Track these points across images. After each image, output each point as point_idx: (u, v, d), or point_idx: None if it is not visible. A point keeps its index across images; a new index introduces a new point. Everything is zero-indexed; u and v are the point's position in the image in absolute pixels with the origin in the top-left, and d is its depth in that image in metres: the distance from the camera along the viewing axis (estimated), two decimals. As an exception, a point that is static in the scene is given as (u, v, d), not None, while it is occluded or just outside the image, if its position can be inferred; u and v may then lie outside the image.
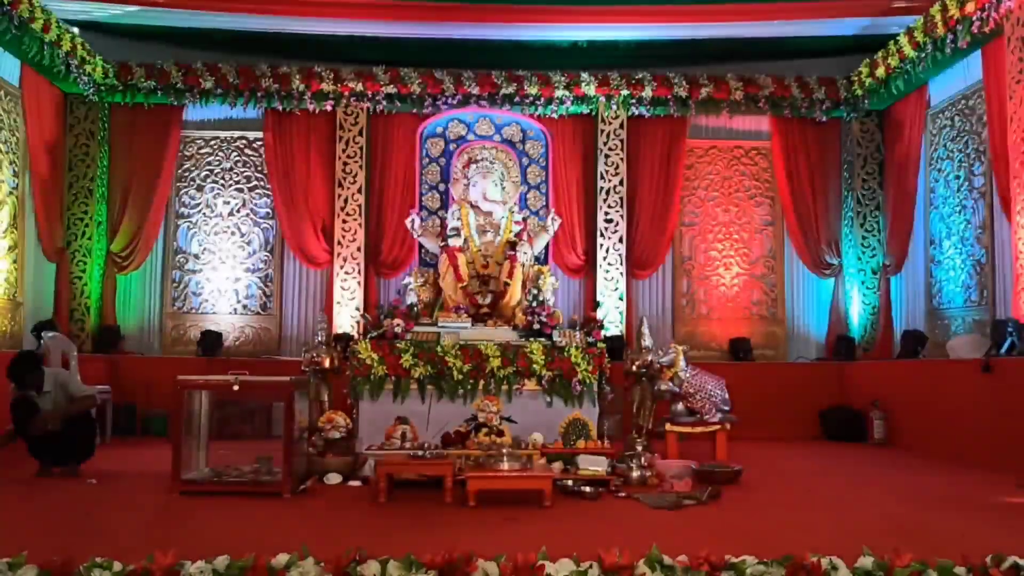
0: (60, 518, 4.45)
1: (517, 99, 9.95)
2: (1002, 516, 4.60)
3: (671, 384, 7.25)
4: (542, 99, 9.98)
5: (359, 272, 10.08)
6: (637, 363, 7.40)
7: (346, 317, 9.91)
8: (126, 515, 4.60)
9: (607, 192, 10.23)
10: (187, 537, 3.90)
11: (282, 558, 2.99)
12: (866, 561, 3.01)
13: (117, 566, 2.96)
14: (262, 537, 3.87)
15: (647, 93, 10.03)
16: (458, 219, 8.40)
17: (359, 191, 10.14)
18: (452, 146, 10.13)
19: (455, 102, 9.97)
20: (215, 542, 3.50)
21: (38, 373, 5.91)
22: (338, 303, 10.00)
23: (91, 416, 6.27)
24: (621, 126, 10.27)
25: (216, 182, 10.41)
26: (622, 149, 10.26)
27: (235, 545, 3.24)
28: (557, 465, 5.69)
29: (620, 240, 10.18)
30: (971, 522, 4.34)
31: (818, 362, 10.21)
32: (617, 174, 10.24)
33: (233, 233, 10.38)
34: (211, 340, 9.85)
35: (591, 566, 2.95)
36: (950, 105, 8.91)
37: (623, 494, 5.21)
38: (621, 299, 10.08)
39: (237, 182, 10.43)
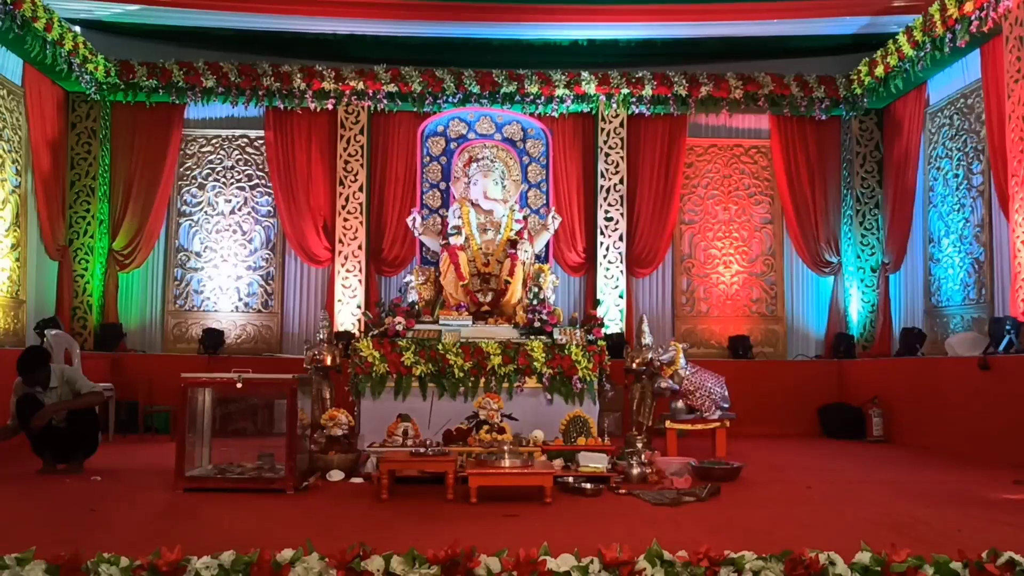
0: (65, 514, 4.48)
1: (518, 98, 9.99)
2: (999, 512, 4.63)
3: (671, 382, 7.30)
4: (542, 98, 10.02)
5: (360, 270, 10.12)
6: (637, 361, 7.46)
7: (347, 315, 9.95)
8: (131, 511, 4.63)
9: (607, 190, 10.26)
10: (192, 533, 3.94)
11: (287, 553, 3.02)
12: (864, 556, 3.04)
13: (124, 561, 2.98)
14: (266, 533, 3.90)
15: (647, 92, 10.07)
16: (459, 217, 8.42)
17: (360, 189, 10.18)
18: (453, 145, 10.14)
19: (456, 101, 10.00)
20: (220, 538, 3.53)
21: (46, 369, 5.94)
22: (339, 301, 10.04)
23: (94, 412, 6.30)
24: (621, 124, 10.31)
25: (218, 180, 10.45)
26: (622, 147, 10.29)
27: (240, 541, 3.28)
28: (558, 462, 5.72)
29: (620, 238, 10.22)
30: (968, 518, 4.37)
31: (817, 360, 10.25)
32: (617, 172, 10.28)
33: (235, 231, 10.42)
34: (213, 338, 9.88)
35: (592, 561, 2.97)
36: (949, 104, 8.94)
37: (623, 491, 5.24)
38: (621, 297, 10.12)
39: (238, 180, 10.46)
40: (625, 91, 10.07)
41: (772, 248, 10.62)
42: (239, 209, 10.44)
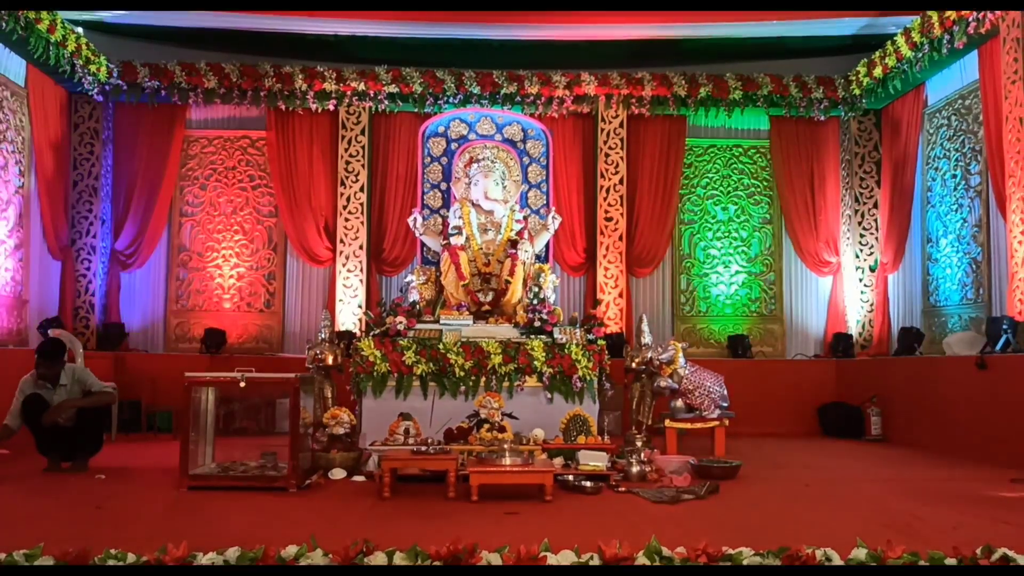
0: (71, 512, 4.52)
1: (518, 98, 10.03)
2: (996, 510, 4.67)
3: (670, 381, 7.33)
4: (543, 98, 10.06)
5: (361, 270, 10.16)
6: (637, 360, 7.51)
7: (348, 315, 9.98)
8: (136, 509, 4.67)
9: (607, 190, 10.30)
10: (197, 530, 3.98)
11: (291, 549, 3.07)
12: (860, 553, 3.08)
13: (131, 557, 3.03)
14: (270, 530, 3.94)
15: (647, 92, 10.10)
16: (460, 218, 8.45)
17: (361, 190, 10.22)
18: (454, 145, 10.16)
19: (456, 101, 10.04)
20: (225, 535, 3.57)
21: (62, 362, 5.98)
22: (340, 301, 10.08)
23: (102, 411, 6.33)
24: (621, 125, 10.34)
25: (219, 181, 10.49)
26: (622, 148, 10.33)
27: (244, 538, 3.32)
28: (558, 460, 5.77)
29: (620, 238, 10.26)
30: (965, 516, 4.41)
31: (816, 359, 10.29)
32: (617, 173, 10.31)
33: (236, 231, 10.46)
34: (215, 337, 9.92)
35: (592, 557, 3.02)
36: (947, 104, 8.98)
37: (623, 489, 5.28)
38: (621, 296, 10.16)
39: (240, 181, 10.51)
40: (625, 92, 10.11)
41: (771, 248, 10.66)
42: (241, 209, 10.48)
